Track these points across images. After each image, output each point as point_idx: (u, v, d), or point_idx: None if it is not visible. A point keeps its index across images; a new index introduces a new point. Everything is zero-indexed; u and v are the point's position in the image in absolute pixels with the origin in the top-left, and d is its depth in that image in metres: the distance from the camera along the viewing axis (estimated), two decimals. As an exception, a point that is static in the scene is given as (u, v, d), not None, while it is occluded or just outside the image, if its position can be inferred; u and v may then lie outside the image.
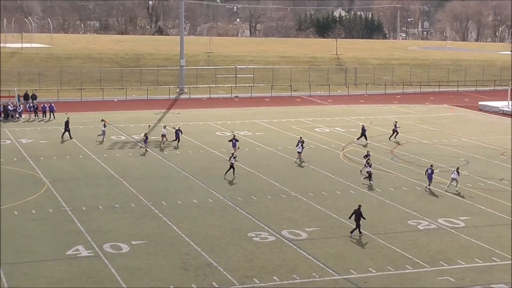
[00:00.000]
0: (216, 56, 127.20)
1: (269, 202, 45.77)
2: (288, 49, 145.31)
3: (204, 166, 55.53)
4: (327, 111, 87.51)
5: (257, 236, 38.80)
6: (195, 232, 39.28)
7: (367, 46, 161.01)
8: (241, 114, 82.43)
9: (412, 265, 34.90)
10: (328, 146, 63.30)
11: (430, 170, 49.72)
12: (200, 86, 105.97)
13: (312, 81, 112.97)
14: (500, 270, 34.42)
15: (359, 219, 39.36)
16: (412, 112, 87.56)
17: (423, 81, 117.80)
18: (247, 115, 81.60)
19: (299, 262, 34.95)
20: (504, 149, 64.17)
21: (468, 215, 43.27)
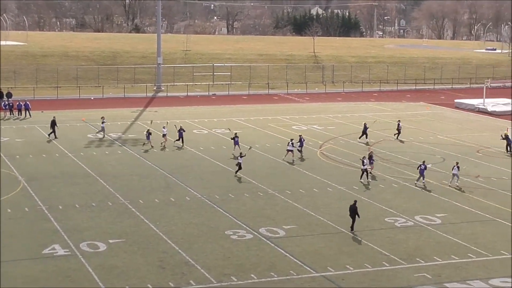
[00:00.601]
0: (193, 54, 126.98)
1: (246, 200, 45.75)
2: (265, 47, 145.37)
3: (182, 164, 55.40)
4: (305, 109, 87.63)
5: (234, 234, 38.77)
6: (172, 230, 39.19)
7: (344, 44, 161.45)
8: (218, 112, 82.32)
9: (389, 262, 35.02)
10: (306, 144, 63.30)
11: (423, 166, 50.34)
12: (177, 84, 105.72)
13: (289, 79, 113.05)
14: (476, 266, 34.64)
15: (354, 215, 39.62)
16: (389, 109, 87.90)
17: (399, 79, 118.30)
18: (224, 113, 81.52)
19: (276, 260, 34.97)
20: (480, 146, 64.58)
21: (445, 212, 43.51)
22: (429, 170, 52.14)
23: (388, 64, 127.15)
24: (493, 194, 48.25)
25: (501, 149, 62.49)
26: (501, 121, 79.11)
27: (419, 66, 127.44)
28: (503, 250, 36.80)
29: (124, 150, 60.35)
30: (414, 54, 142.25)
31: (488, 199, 46.68)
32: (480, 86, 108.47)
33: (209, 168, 54.26)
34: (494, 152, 61.97)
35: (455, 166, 50.28)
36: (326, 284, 32.35)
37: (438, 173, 53.69)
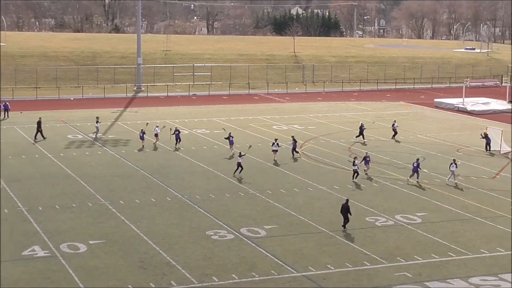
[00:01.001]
0: (174, 54, 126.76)
1: (227, 200, 45.74)
2: (245, 47, 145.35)
3: (162, 165, 55.29)
4: (285, 108, 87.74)
5: (215, 234, 38.75)
6: (153, 231, 39.10)
7: (324, 44, 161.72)
8: (199, 112, 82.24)
9: (370, 261, 35.13)
10: (286, 143, 63.35)
11: (416, 163, 50.75)
12: (158, 84, 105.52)
13: (269, 79, 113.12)
14: (456, 265, 34.82)
15: (346, 213, 39.84)
16: (369, 109, 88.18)
17: (379, 79, 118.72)
18: (205, 113, 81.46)
19: (257, 260, 34.99)
20: (459, 145, 64.91)
21: (425, 211, 43.69)
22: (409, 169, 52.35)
23: (368, 63, 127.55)
24: (473, 193, 48.51)
25: (480, 148, 62.85)
26: (481, 120, 79.57)
27: (399, 66, 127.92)
28: (482, 249, 37.02)
29: (104, 151, 60.14)
30: (394, 54, 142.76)
31: (468, 198, 46.93)
32: (459, 85, 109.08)
33: (190, 169, 54.20)
34: (474, 151, 62.32)
35: (452, 163, 50.96)
36: (307, 284, 32.40)
37: (418, 172, 53.91)
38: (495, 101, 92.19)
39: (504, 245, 37.62)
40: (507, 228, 40.61)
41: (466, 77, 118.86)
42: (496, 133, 63.40)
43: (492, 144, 62.30)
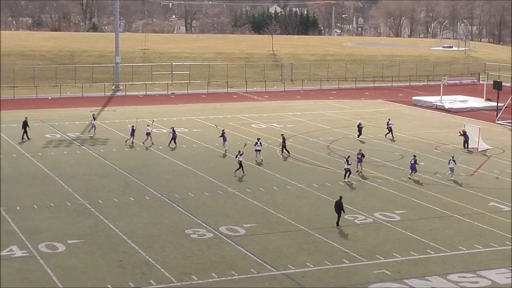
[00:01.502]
0: (152, 53, 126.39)
1: (206, 198, 45.67)
2: (224, 45, 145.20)
3: (141, 164, 55.13)
4: (264, 107, 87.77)
5: (195, 233, 38.69)
6: (132, 230, 38.98)
7: (302, 42, 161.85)
8: (177, 111, 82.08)
9: (349, 259, 35.20)
10: (265, 142, 63.37)
11: (413, 160, 51.41)
12: (136, 83, 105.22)
13: (248, 77, 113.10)
14: (435, 262, 34.97)
15: (340, 211, 40.03)
16: (348, 107, 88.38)
17: (358, 77, 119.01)
18: (183, 112, 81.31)
19: (237, 259, 34.96)
20: (438, 143, 65.21)
21: (403, 209, 43.85)
22: (388, 167, 52.58)
23: (347, 62, 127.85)
24: (451, 190, 48.76)
25: (458, 146, 63.17)
26: (458, 118, 79.98)
27: (377, 64, 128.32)
28: (461, 246, 37.21)
29: (82, 150, 59.87)
30: (372, 52, 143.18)
31: (446, 195, 47.16)
32: (437, 83, 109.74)
33: (168, 167, 54.08)
34: (452, 149, 62.59)
35: (451, 160, 51.84)
36: (286, 282, 32.42)
37: (396, 170, 54.12)
38: (472, 99, 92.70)
39: (482, 242, 37.84)
40: (484, 225, 40.87)
41: (444, 75, 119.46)
42: (474, 130, 63.74)
43: (470, 141, 62.62)
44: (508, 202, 45.79)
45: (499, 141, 65.74)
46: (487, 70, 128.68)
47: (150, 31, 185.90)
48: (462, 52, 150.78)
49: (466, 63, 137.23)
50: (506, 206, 44.92)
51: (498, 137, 68.06)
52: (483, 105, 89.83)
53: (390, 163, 56.37)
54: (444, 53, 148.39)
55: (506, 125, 76.38)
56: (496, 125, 76.73)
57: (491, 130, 72.76)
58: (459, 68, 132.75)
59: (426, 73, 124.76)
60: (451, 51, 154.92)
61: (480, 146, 62.17)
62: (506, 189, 49.19)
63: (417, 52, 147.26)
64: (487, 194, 47.67)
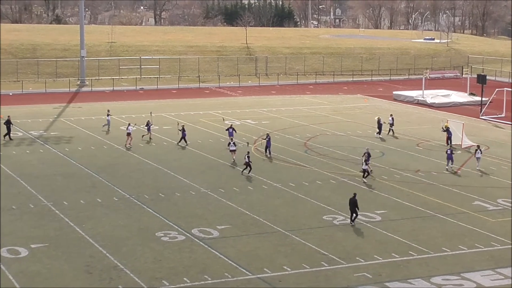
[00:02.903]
0: (119, 46, 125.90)
1: (178, 199, 45.59)
2: (195, 38, 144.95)
3: (108, 163, 54.92)
4: (237, 103, 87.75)
5: (165, 235, 38.60)
6: (99, 233, 38.81)
7: (277, 34, 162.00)
8: (146, 107, 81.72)
9: (328, 261, 35.27)
10: (239, 139, 63.36)
11: (450, 151, 54.00)
12: (103, 78, 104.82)
13: (221, 71, 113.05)
14: (417, 264, 35.13)
15: (354, 208, 40.45)
16: (326, 102, 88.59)
17: (336, 71, 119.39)
18: (153, 108, 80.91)
19: (210, 262, 34.92)
20: (419, 139, 65.54)
21: (384, 209, 44.01)
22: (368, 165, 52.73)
23: (324, 55, 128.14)
24: (434, 189, 49.02)
25: (441, 142, 63.52)
26: (441, 113, 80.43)
27: (356, 57, 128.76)
28: (444, 247, 37.40)
29: (46, 149, 59.52)
30: (351, 45, 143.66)
31: (429, 194, 47.40)
32: (418, 77, 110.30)
33: (138, 166, 53.91)
34: (434, 146, 62.96)
35: (477, 150, 54.33)
36: (262, 286, 32.42)
37: (377, 168, 54.29)
38: (455, 93, 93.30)
39: (466, 243, 38.07)
40: (469, 225, 41.13)
41: (426, 69, 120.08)
42: (457, 126, 64.12)
43: (453, 138, 62.97)
44: (492, 201, 46.11)
45: (484, 137, 66.20)
46: (471, 63, 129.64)
47: (117, 23, 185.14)
48: (445, 45, 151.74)
49: (449, 56, 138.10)
50: (491, 205, 45.25)
51: (482, 133, 68.54)
52: (466, 100, 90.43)
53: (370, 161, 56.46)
54: (425, 46, 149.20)
55: (491, 120, 76.94)
56: (481, 120, 77.28)
57: (475, 126, 73.30)
58: (441, 61, 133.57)
59: (407, 66, 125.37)
60: (433, 43, 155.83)
61: (463, 143, 62.56)
62: (490, 187, 49.57)
63: (398, 45, 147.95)
64: (471, 193, 47.99)
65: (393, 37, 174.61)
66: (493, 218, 42.59)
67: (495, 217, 42.92)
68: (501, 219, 42.52)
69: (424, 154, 59.39)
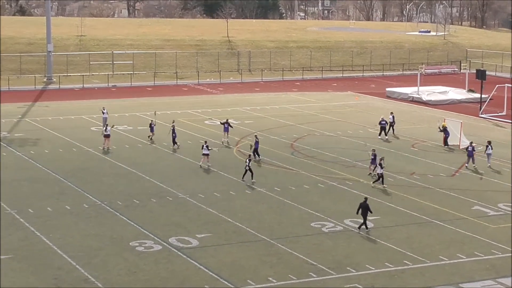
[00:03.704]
0: (90, 40, 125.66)
1: (153, 206, 45.53)
2: (172, 31, 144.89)
3: (78, 167, 54.78)
4: (218, 101, 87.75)
5: (140, 245, 38.55)
6: (68, 243, 38.70)
7: (261, 27, 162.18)
8: (119, 106, 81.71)
9: (317, 272, 35.32)
10: (221, 140, 63.38)
11: (471, 148, 54.74)
12: (72, 74, 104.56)
13: (200, 67, 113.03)
14: (413, 274, 35.23)
15: (366, 213, 40.66)
16: (313, 100, 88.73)
17: (324, 66, 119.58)
18: (126, 107, 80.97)
19: (189, 273, 34.91)
20: (415, 139, 65.74)
21: (377, 214, 44.04)
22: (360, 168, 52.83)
23: (312, 49, 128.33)
24: (430, 193, 49.17)
25: (438, 143, 63.75)
26: (438, 112, 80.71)
27: (346, 51, 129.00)
28: (442, 256, 37.53)
29: (10, 152, 59.31)
30: (340, 38, 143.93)
31: (425, 199, 47.54)
32: (414, 72, 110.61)
33: (110, 170, 53.81)
34: (431, 146, 63.18)
35: (488, 146, 55.38)
36: (246, 299, 32.49)
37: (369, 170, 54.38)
38: (453, 90, 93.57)
39: (465, 251, 38.22)
40: (468, 232, 41.28)
41: (421, 64, 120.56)
42: (455, 125, 64.33)
43: (451, 138, 63.18)
44: (493, 206, 46.32)
45: (483, 137, 66.47)
46: (469, 57, 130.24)
47: (87, 15, 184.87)
48: (441, 37, 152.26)
49: (446, 49, 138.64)
50: (491, 210, 45.44)
51: (482, 133, 68.82)
52: (465, 97, 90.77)
53: (362, 163, 56.68)
54: (421, 39, 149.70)
55: (491, 119, 77.29)
56: (480, 119, 77.62)
57: (474, 125, 73.62)
58: (437, 55, 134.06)
59: (401, 61, 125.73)
60: (428, 36, 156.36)
61: (462, 143, 62.75)
62: (491, 191, 49.79)
63: (391, 38, 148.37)
64: (470, 197, 48.18)
65: (386, 29, 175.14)
66: (494, 224, 42.79)
67: (496, 223, 43.12)
68: (503, 225, 42.73)
69: (420, 156, 59.58)
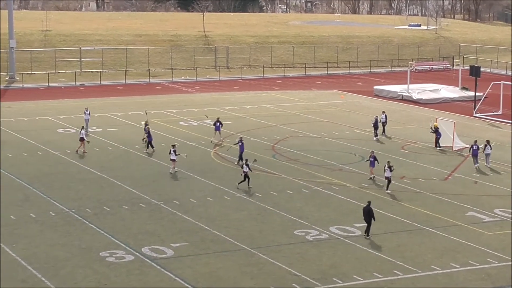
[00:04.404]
0: (55, 35, 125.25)
1: (125, 213, 45.46)
2: (144, 25, 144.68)
3: (44, 172, 54.61)
4: (194, 100, 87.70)
5: (111, 255, 38.47)
6: (33, 253, 38.57)
7: (240, 21, 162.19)
8: (88, 106, 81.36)
9: (300, 283, 35.35)
10: (197, 143, 63.37)
11: (476, 147, 55.65)
12: (36, 72, 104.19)
13: (174, 64, 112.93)
14: (403, 284, 35.32)
15: (369, 218, 40.94)
16: (296, 99, 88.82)
17: (308, 62, 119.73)
18: (96, 108, 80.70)
19: (163, 285, 34.86)
20: (405, 141, 65.92)
21: (364, 222, 44.10)
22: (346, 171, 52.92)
23: (294, 44, 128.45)
24: (421, 198, 49.31)
25: (429, 144, 63.97)
26: (429, 111, 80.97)
27: (331, 47, 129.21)
28: (434, 265, 37.64)
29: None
30: (325, 33, 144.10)
31: (416, 205, 47.67)
32: (403, 69, 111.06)
33: (78, 176, 53.66)
34: (422, 148, 63.38)
35: (487, 146, 56.02)
36: (225, 313, 32.49)
37: (356, 174, 54.55)
38: (445, 88, 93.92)
39: (459, 260, 38.34)
40: (462, 240, 41.43)
41: (411, 60, 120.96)
42: (448, 126, 64.53)
43: (443, 139, 63.39)
44: (489, 211, 46.50)
45: (478, 138, 66.67)
46: (463, 52, 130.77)
47: (53, 9, 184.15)
48: (433, 32, 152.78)
49: (437, 44, 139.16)
50: (487, 216, 45.62)
51: (476, 133, 69.06)
52: (458, 95, 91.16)
53: (348, 167, 56.82)
54: (410, 33, 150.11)
55: (486, 118, 77.61)
56: (474, 119, 77.94)
57: (468, 125, 73.93)
58: (428, 50, 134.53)
59: (390, 57, 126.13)
60: (419, 30, 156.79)
61: (455, 145, 63.01)
62: (486, 196, 50.01)
63: (379, 32, 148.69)
64: (465, 202, 48.36)
65: (374, 23, 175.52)
66: (490, 231, 42.96)
67: (491, 229, 43.30)
68: (499, 231, 42.92)
69: (410, 158, 59.75)
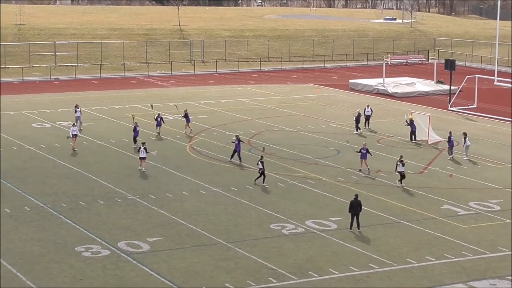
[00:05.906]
0: (29, 29, 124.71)
1: (101, 208, 45.34)
2: (119, 19, 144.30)
3: (18, 167, 54.38)
4: (170, 94, 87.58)
5: (87, 250, 38.37)
6: (8, 248, 38.41)
7: (215, 14, 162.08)
8: (63, 101, 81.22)
9: (276, 277, 35.38)
10: (172, 137, 63.27)
11: (453, 137, 57.33)
12: (10, 66, 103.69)
13: (150, 58, 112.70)
14: (379, 278, 35.43)
15: (357, 211, 41.32)
16: (272, 93, 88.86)
17: (283, 56, 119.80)
18: (70, 102, 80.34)
19: (140, 280, 34.81)
20: (380, 134, 66.10)
21: (341, 215, 44.22)
22: (322, 165, 52.98)
23: (269, 38, 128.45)
24: (397, 191, 49.47)
25: (404, 138, 64.17)
26: (404, 104, 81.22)
27: (306, 41, 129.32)
28: (409, 258, 37.77)
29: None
30: (300, 26, 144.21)
31: (391, 198, 47.81)
32: (379, 63, 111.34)
33: (53, 170, 53.48)
34: (397, 142, 63.58)
35: (466, 138, 57.30)
36: (201, 307, 32.50)
37: (331, 168, 54.64)
38: (420, 81, 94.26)
39: (434, 253, 38.49)
40: (437, 233, 41.59)
41: (386, 53, 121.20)
42: (423, 119, 64.75)
43: (419, 132, 63.61)
44: (464, 204, 46.72)
45: (453, 132, 67.01)
46: (438, 46, 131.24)
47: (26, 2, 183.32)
48: (408, 25, 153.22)
49: (413, 38, 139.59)
50: (462, 209, 45.82)
51: (451, 127, 69.23)
52: (433, 89, 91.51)
53: (324, 160, 56.92)
54: (386, 27, 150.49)
55: (461, 112, 77.94)
56: (449, 112, 78.25)
57: (443, 118, 74.23)
58: (404, 44, 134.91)
59: (365, 51, 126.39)
60: (394, 24, 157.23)
61: (430, 138, 63.26)
62: (461, 189, 50.23)
63: (354, 26, 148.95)
64: (440, 196, 48.55)
65: (349, 17, 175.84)
66: (465, 224, 43.15)
67: (467, 222, 43.49)
68: (474, 225, 43.12)
69: (386, 152, 59.91)
